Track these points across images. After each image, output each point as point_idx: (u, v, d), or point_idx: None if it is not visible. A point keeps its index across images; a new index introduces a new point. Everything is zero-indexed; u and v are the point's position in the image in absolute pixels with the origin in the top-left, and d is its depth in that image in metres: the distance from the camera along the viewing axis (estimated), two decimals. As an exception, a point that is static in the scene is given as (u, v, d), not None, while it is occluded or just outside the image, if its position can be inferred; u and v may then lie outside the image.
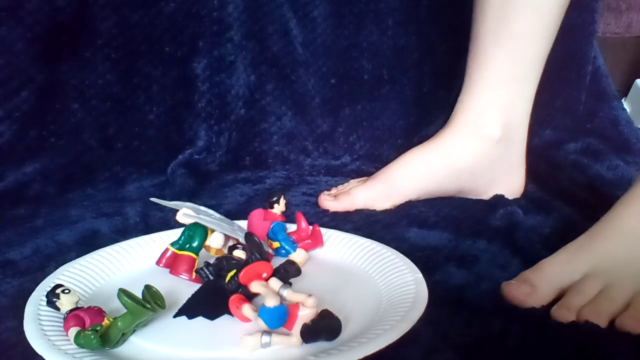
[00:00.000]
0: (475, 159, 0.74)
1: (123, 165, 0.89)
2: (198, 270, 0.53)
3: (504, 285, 0.52)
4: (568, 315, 0.48)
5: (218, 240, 0.57)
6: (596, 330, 0.46)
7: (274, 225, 0.61)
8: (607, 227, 0.54)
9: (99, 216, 0.72)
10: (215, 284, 0.51)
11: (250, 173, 0.91)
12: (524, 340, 0.46)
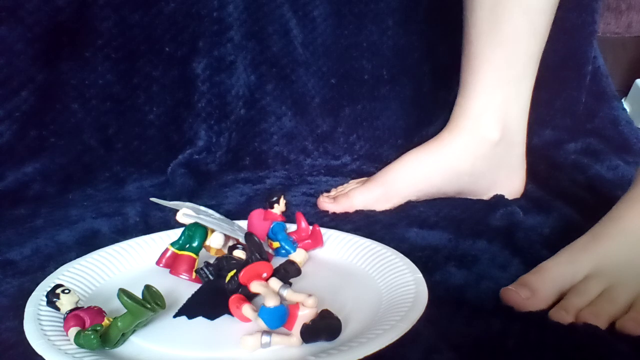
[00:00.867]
0: (475, 161, 0.74)
1: (123, 165, 0.89)
2: (198, 270, 0.53)
3: (502, 291, 0.51)
4: (566, 317, 0.48)
5: (218, 240, 0.57)
6: (596, 331, 0.46)
7: (274, 225, 0.61)
8: (610, 228, 0.54)
9: (99, 216, 0.72)
10: (215, 284, 0.51)
11: (250, 173, 0.91)
12: (524, 340, 0.45)
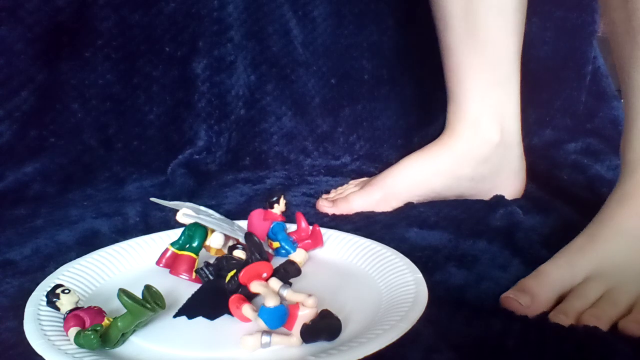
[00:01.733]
0: (477, 166, 0.74)
1: (123, 165, 0.89)
2: (198, 270, 0.53)
3: (502, 298, 0.50)
4: (566, 321, 0.47)
5: (218, 240, 0.57)
6: (596, 330, 0.46)
7: (274, 225, 0.61)
8: (605, 228, 0.54)
9: (99, 216, 0.73)
10: (215, 284, 0.51)
11: (250, 173, 0.91)
12: (524, 340, 0.45)
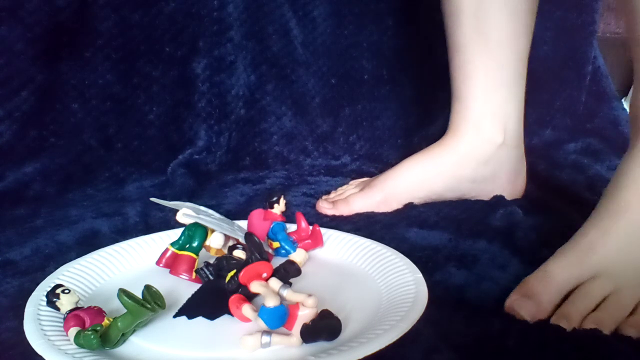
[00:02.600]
0: (478, 167, 0.74)
1: (123, 165, 0.89)
2: (198, 270, 0.53)
3: (507, 302, 0.50)
4: (568, 325, 0.47)
5: (218, 240, 0.57)
6: (597, 331, 0.46)
7: (274, 225, 0.61)
8: (623, 220, 0.52)
9: (99, 216, 0.72)
10: (215, 284, 0.51)
11: (250, 173, 0.91)
12: (524, 340, 0.45)
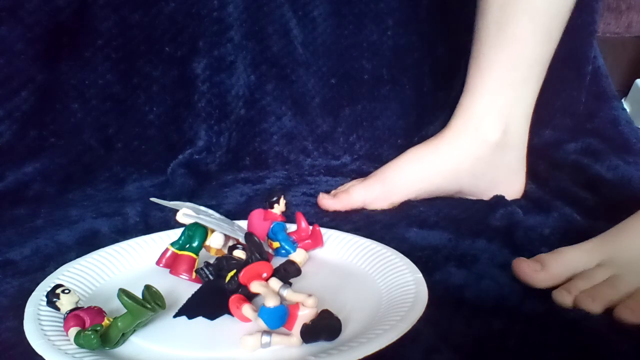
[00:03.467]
0: (474, 162, 0.74)
1: (123, 165, 0.89)
2: (198, 270, 0.53)
3: (515, 261, 0.53)
4: (566, 298, 0.49)
5: (218, 240, 0.57)
6: (597, 330, 0.46)
7: (274, 225, 0.61)
8: (634, 224, 0.54)
9: (99, 216, 0.72)
10: (215, 284, 0.51)
11: (250, 173, 0.91)
12: (524, 340, 0.45)
